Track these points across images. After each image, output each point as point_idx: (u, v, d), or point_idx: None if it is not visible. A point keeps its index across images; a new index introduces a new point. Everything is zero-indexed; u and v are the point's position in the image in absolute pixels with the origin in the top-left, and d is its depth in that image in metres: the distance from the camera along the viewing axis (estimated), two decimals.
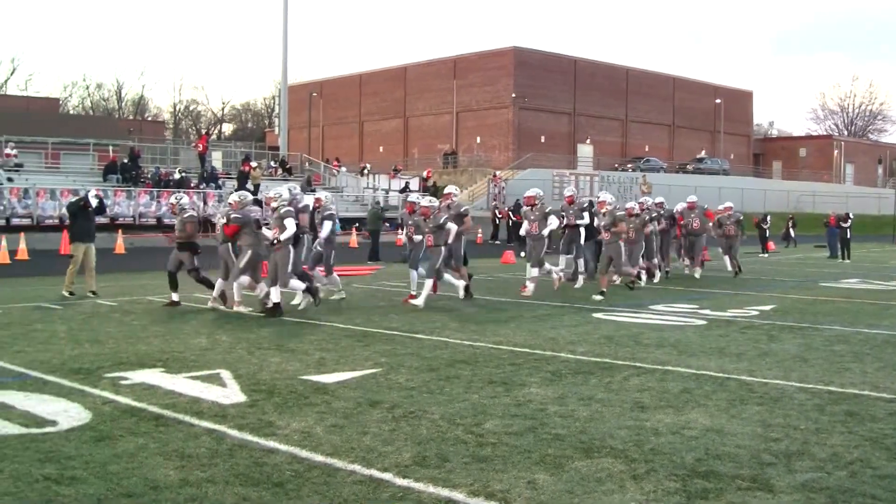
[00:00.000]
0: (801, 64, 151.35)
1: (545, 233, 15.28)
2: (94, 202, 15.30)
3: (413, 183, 46.17)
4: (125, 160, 36.87)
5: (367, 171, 49.11)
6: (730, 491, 4.88)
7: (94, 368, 8.36)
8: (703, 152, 72.62)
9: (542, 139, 64.05)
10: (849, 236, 29.87)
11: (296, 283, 12.88)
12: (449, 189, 16.33)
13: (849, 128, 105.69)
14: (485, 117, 64.52)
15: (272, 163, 45.46)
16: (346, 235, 35.28)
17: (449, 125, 66.77)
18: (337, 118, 76.22)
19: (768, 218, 33.98)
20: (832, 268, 24.99)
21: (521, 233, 16.17)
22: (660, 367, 8.63)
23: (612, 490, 4.88)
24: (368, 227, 29.88)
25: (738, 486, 4.95)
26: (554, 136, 65.32)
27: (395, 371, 8.32)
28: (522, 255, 26.12)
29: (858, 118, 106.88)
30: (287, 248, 12.61)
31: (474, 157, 61.73)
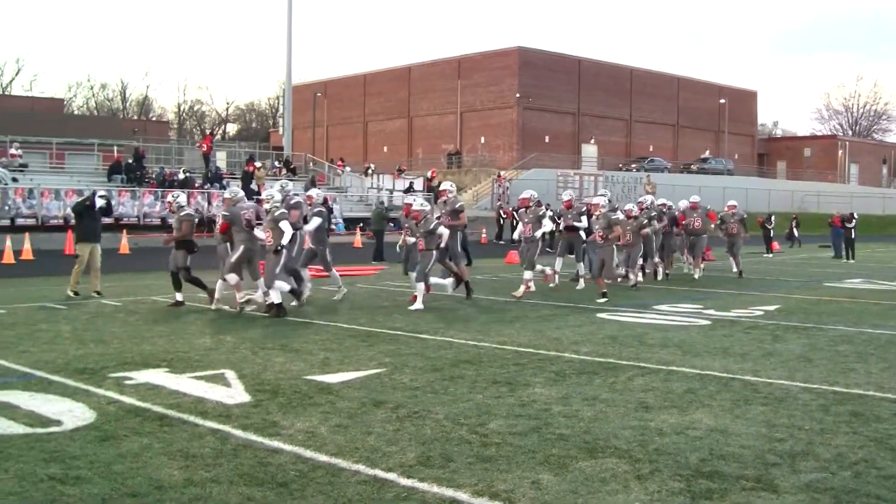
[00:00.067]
0: (805, 64, 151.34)
1: (537, 235, 15.17)
2: (101, 203, 15.33)
3: (417, 183, 46.17)
4: (129, 160, 36.92)
5: (371, 171, 49.15)
6: (734, 491, 4.88)
7: (99, 368, 8.38)
8: (708, 152, 72.54)
9: (547, 139, 63.98)
10: (853, 236, 29.79)
11: (281, 285, 12.64)
12: (444, 186, 16.31)
13: (853, 128, 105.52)
14: (489, 117, 64.46)
15: (276, 163, 45.47)
16: (350, 235, 35.34)
17: (453, 125, 66.72)
18: (341, 118, 76.20)
19: (773, 218, 33.92)
20: (836, 268, 24.93)
21: (515, 236, 16.07)
22: (664, 368, 8.63)
23: (616, 490, 4.88)
24: (373, 228, 29.92)
25: (742, 487, 4.95)
26: (558, 136, 65.24)
27: (400, 371, 8.32)
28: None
29: (863, 118, 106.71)
30: (280, 250, 12.52)
31: (478, 157, 61.67)
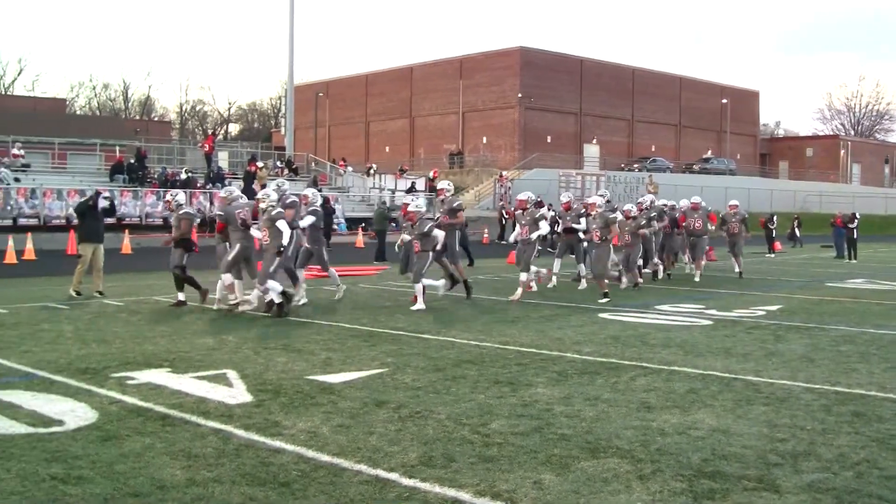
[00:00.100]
0: (807, 64, 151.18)
1: (533, 237, 15.05)
2: (105, 204, 15.36)
3: (419, 183, 46.16)
4: (132, 160, 36.93)
5: (373, 172, 49.14)
6: (736, 491, 4.87)
7: (101, 368, 8.39)
8: (710, 152, 72.48)
9: (549, 139, 63.94)
10: (855, 236, 29.78)
11: (273, 285, 12.50)
12: (441, 185, 16.26)
13: (855, 128, 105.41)
14: (491, 117, 64.43)
15: (278, 163, 45.48)
16: (352, 235, 35.35)
17: (455, 125, 66.70)
18: (343, 118, 76.19)
19: (775, 218, 33.90)
20: (839, 268, 24.92)
21: (511, 238, 15.96)
22: (666, 368, 8.62)
23: (618, 490, 4.88)
24: (375, 228, 29.91)
25: (744, 487, 4.95)
26: (560, 136, 65.20)
27: (402, 371, 8.32)
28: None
29: (865, 118, 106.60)
30: (275, 249, 12.46)
31: (480, 157, 61.64)
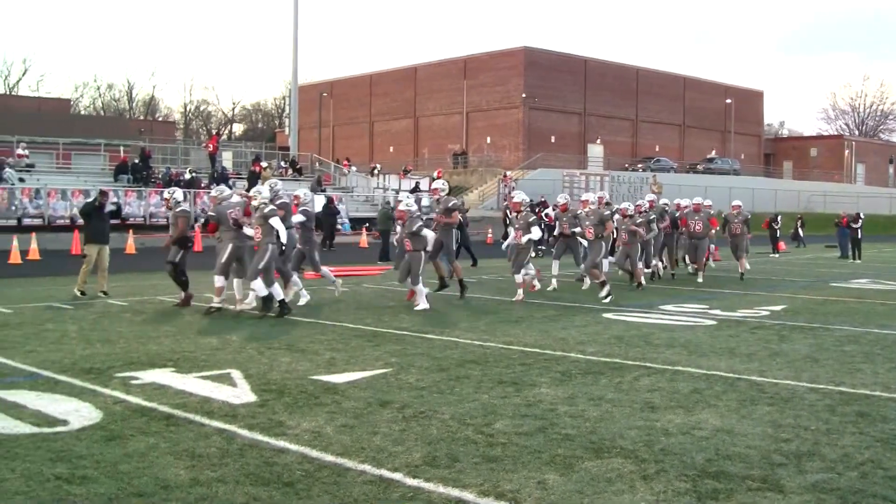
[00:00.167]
0: (811, 64, 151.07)
1: (523, 241, 14.92)
2: (112, 208, 15.43)
3: (423, 183, 46.14)
4: (136, 160, 36.97)
5: (377, 172, 49.13)
6: (740, 491, 4.87)
7: (105, 368, 8.39)
8: (714, 152, 72.41)
9: (553, 139, 63.95)
10: (860, 236, 29.75)
11: (258, 286, 12.44)
12: (436, 185, 16.16)
13: (860, 127, 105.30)
14: (495, 117, 64.45)
15: (282, 163, 45.49)
16: (356, 235, 35.36)
17: (459, 125, 66.73)
18: (347, 118, 76.25)
19: (779, 218, 33.86)
20: (843, 268, 24.89)
21: (504, 247, 15.82)
22: (670, 368, 8.62)
23: (622, 490, 4.88)
24: (379, 228, 29.88)
25: (748, 487, 4.94)
26: (564, 136, 65.22)
27: (406, 371, 8.32)
28: (532, 255, 26.14)
29: (869, 118, 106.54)
30: (266, 246, 12.38)
31: (484, 157, 61.66)
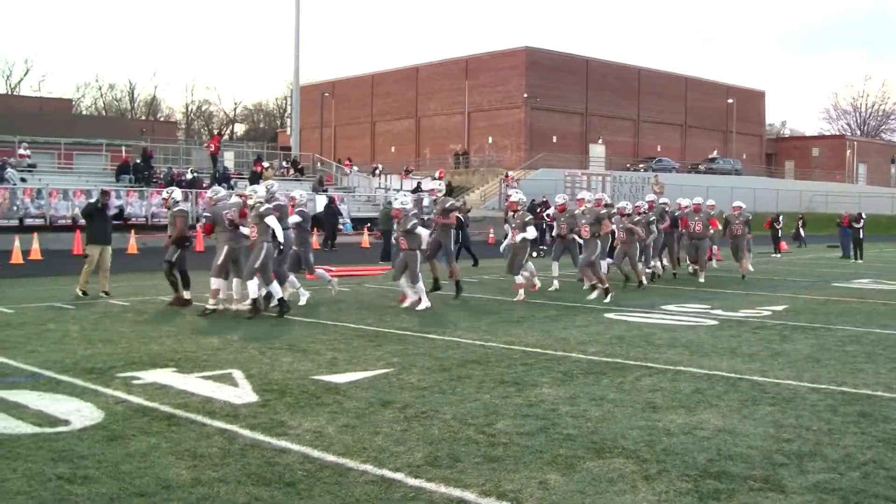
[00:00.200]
0: (813, 63, 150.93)
1: (517, 239, 14.84)
2: (115, 212, 15.45)
3: (425, 183, 46.11)
4: (138, 160, 36.96)
5: (378, 172, 49.14)
6: (742, 492, 4.87)
7: (107, 368, 8.40)
8: (716, 152, 72.36)
9: (554, 139, 63.92)
10: (861, 236, 29.72)
11: (251, 287, 12.41)
12: (432, 185, 16.11)
13: (861, 127, 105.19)
14: (496, 117, 64.43)
15: (284, 163, 45.50)
16: (357, 235, 35.36)
17: (461, 125, 66.71)
18: (349, 118, 76.26)
19: (781, 218, 33.84)
20: (845, 268, 24.87)
21: (501, 249, 15.73)
22: (672, 368, 8.61)
23: (623, 490, 4.88)
24: (380, 228, 29.89)
25: (750, 487, 4.94)
26: (566, 136, 65.18)
27: (407, 371, 8.32)
28: (535, 254, 26.17)
29: (871, 118, 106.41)
30: (261, 244, 12.32)
31: (486, 157, 61.62)
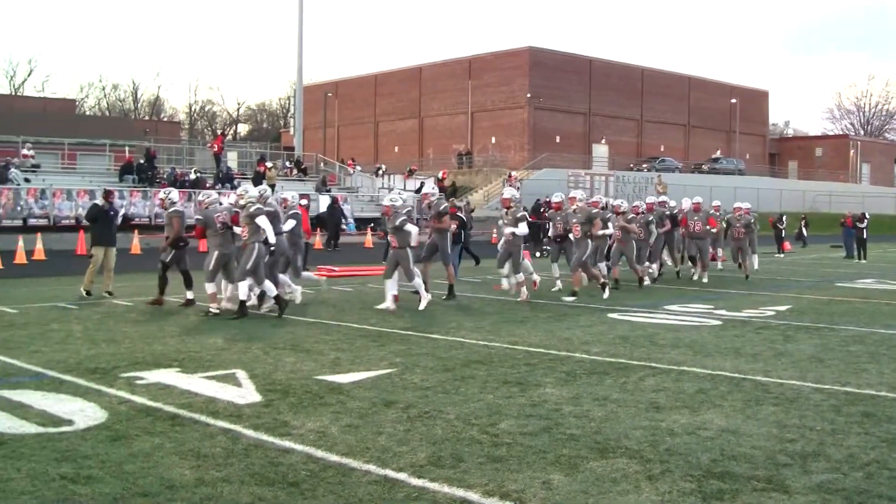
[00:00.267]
0: (816, 63, 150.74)
1: (506, 231, 14.47)
2: (119, 219, 15.53)
3: (428, 183, 46.13)
4: (141, 161, 37.01)
5: (382, 172, 49.17)
6: (745, 492, 4.86)
7: (111, 368, 8.41)
8: (719, 152, 72.33)
9: (558, 139, 63.91)
10: (865, 236, 29.67)
11: (242, 289, 12.37)
12: (425, 189, 15.89)
13: (865, 127, 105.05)
14: (500, 117, 64.41)
15: (287, 163, 45.54)
16: (360, 235, 35.39)
17: (464, 125, 66.71)
18: (352, 118, 76.27)
19: (784, 218, 33.80)
20: (848, 268, 24.83)
21: (500, 247, 15.60)
22: (675, 368, 8.61)
23: (627, 490, 4.88)
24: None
25: (753, 487, 4.94)
26: (569, 136, 65.16)
27: (411, 371, 8.33)
28: (538, 255, 26.18)
29: (875, 117, 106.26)
30: (253, 245, 12.28)
31: (489, 157, 61.60)
